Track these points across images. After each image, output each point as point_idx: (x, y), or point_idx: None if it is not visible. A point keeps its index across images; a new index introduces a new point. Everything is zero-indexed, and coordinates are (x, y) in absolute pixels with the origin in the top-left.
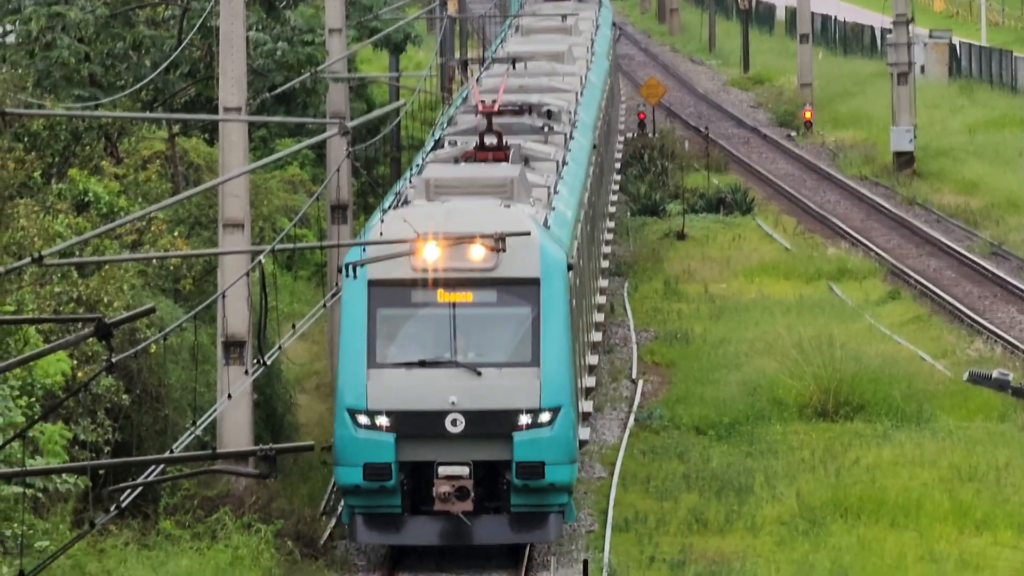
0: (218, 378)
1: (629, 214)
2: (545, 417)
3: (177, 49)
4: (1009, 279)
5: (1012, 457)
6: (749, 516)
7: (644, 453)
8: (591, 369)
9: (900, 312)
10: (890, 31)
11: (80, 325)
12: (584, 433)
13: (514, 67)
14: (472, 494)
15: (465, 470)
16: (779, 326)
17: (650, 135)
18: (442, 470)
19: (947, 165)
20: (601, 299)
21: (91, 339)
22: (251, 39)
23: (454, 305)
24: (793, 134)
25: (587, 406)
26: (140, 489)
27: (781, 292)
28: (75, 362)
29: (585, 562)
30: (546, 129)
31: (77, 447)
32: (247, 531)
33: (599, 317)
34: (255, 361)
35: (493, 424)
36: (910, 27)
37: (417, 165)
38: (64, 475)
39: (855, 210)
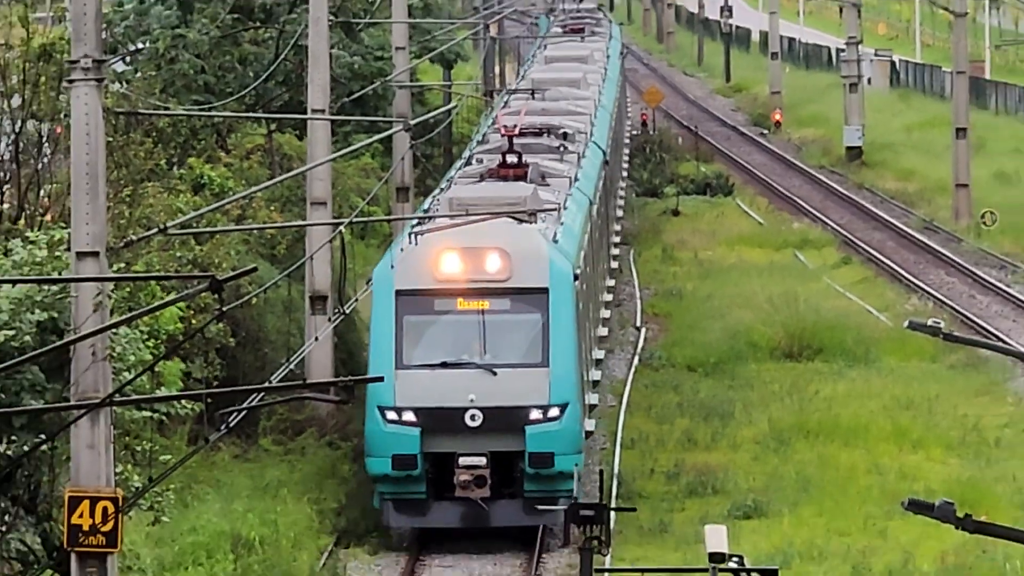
0: (306, 325)
1: (634, 195)
2: (554, 412)
3: (274, 63)
4: (938, 248)
5: (941, 390)
6: (730, 436)
7: (646, 386)
8: (597, 363)
9: (851, 274)
10: (843, 50)
11: (196, 282)
12: (590, 424)
13: (533, 96)
14: (489, 482)
15: (483, 460)
16: (754, 285)
17: (651, 132)
18: (462, 460)
19: (889, 157)
20: (608, 296)
21: (205, 293)
22: (333, 55)
23: (472, 312)
24: (765, 132)
25: (593, 398)
26: (244, 413)
27: (755, 258)
28: (192, 312)
29: (600, 472)
30: (561, 149)
31: (192, 380)
32: (328, 448)
33: (606, 314)
34: (335, 311)
35: (507, 419)
36: (859, 47)
37: (448, 179)
38: (183, 402)
39: (815, 192)
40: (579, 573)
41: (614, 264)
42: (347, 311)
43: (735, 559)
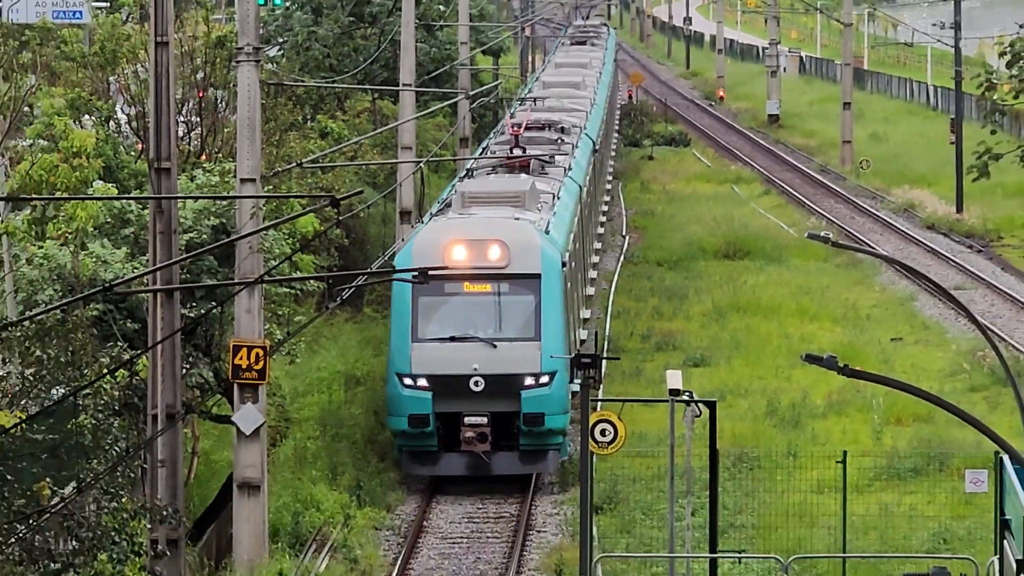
0: (396, 231)
1: (623, 146)
2: (545, 379)
3: (377, 51)
4: (830, 184)
5: (830, 282)
6: (685, 311)
7: (628, 276)
8: (584, 322)
9: (769, 201)
10: (767, 48)
11: (321, 200)
12: (575, 386)
13: (535, 104)
14: (490, 437)
15: (485, 419)
16: (703, 208)
17: (634, 103)
18: (467, 419)
19: (797, 122)
20: (594, 273)
21: (328, 208)
22: (417, 47)
23: (476, 294)
24: (713, 103)
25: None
26: (353, 290)
27: (705, 189)
28: (319, 220)
29: (596, 333)
30: (559, 141)
31: (318, 267)
32: None
33: (593, 274)
34: (419, 221)
35: (505, 385)
36: (778, 46)
37: (467, 169)
38: (311, 282)
39: (746, 145)
40: (580, 403)
41: (598, 244)
42: (425, 222)
43: (687, 393)
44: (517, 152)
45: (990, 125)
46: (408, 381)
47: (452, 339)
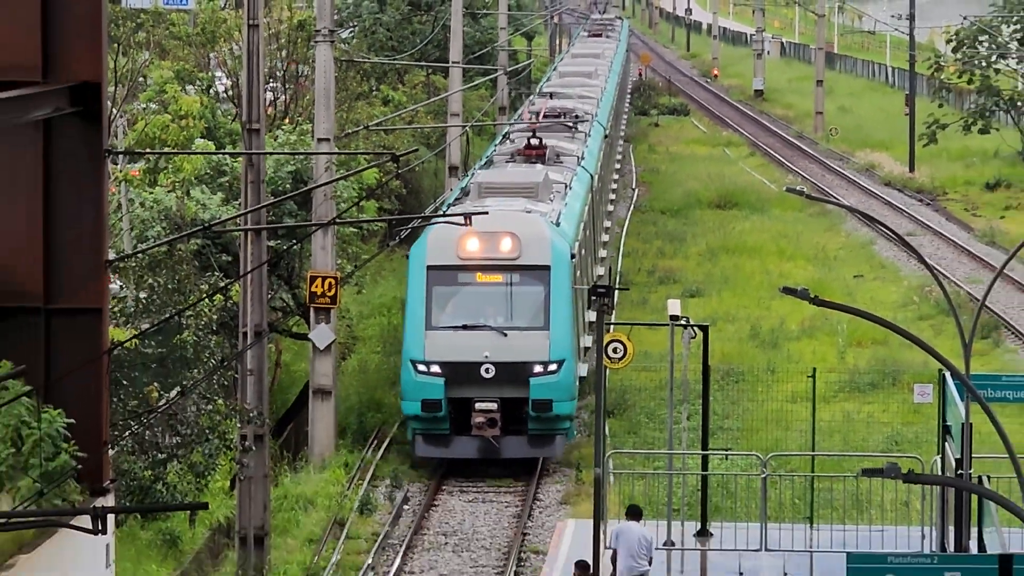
0: (445, 183)
1: (634, 114)
2: (553, 367)
3: (431, 34)
4: (805, 148)
5: (804, 228)
6: (684, 251)
7: (638, 222)
8: (589, 325)
9: (755, 161)
10: (754, 34)
11: (384, 157)
12: (583, 369)
13: (551, 98)
14: (499, 422)
15: (495, 405)
16: (700, 166)
17: (643, 79)
18: (478, 405)
19: (779, 96)
20: (604, 252)
21: (389, 163)
22: (464, 31)
23: (488, 284)
24: (708, 80)
25: (587, 340)
26: (410, 231)
27: (701, 152)
28: (381, 174)
29: (610, 268)
30: (573, 128)
31: (381, 210)
32: None
33: (603, 252)
34: (464, 175)
35: (515, 372)
36: (763, 33)
37: (487, 157)
38: (375, 224)
39: (736, 115)
40: (595, 328)
41: (607, 223)
42: (470, 176)
43: (684, 319)
44: (534, 141)
45: (938, 100)
46: (422, 368)
47: (464, 327)
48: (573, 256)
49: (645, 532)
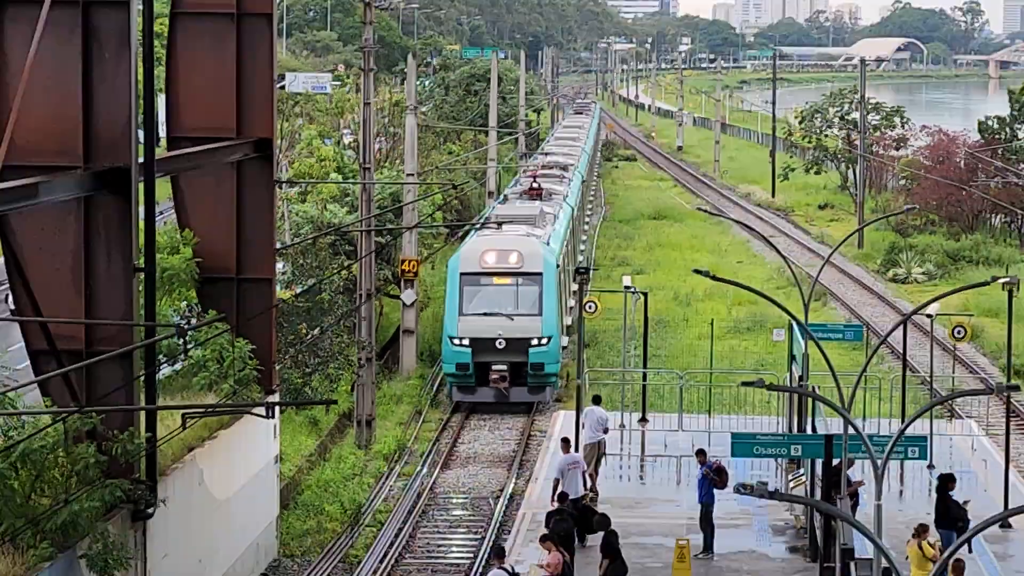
0: (486, 202)
1: (602, 160)
2: (544, 341)
3: (477, 109)
4: (707, 182)
5: (707, 232)
6: (634, 246)
7: (605, 227)
8: (569, 309)
9: (677, 190)
10: (677, 112)
11: (447, 186)
12: (565, 341)
13: (547, 156)
14: (508, 378)
15: (505, 367)
16: (643, 194)
17: (608, 138)
18: (494, 367)
19: (691, 150)
20: (582, 258)
21: (451, 190)
22: (498, 108)
23: (501, 285)
24: (648, 140)
25: (568, 319)
26: (463, 232)
27: (644, 184)
28: (444, 196)
29: (587, 257)
30: (561, 176)
31: (445, 219)
32: None
33: (581, 257)
34: (496, 200)
35: (519, 345)
36: (682, 111)
37: (504, 195)
38: (441, 227)
39: (665, 162)
40: (577, 293)
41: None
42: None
43: (633, 288)
44: (535, 185)
45: (789, 153)
46: (456, 341)
47: (485, 314)
48: (557, 265)
49: (603, 413)
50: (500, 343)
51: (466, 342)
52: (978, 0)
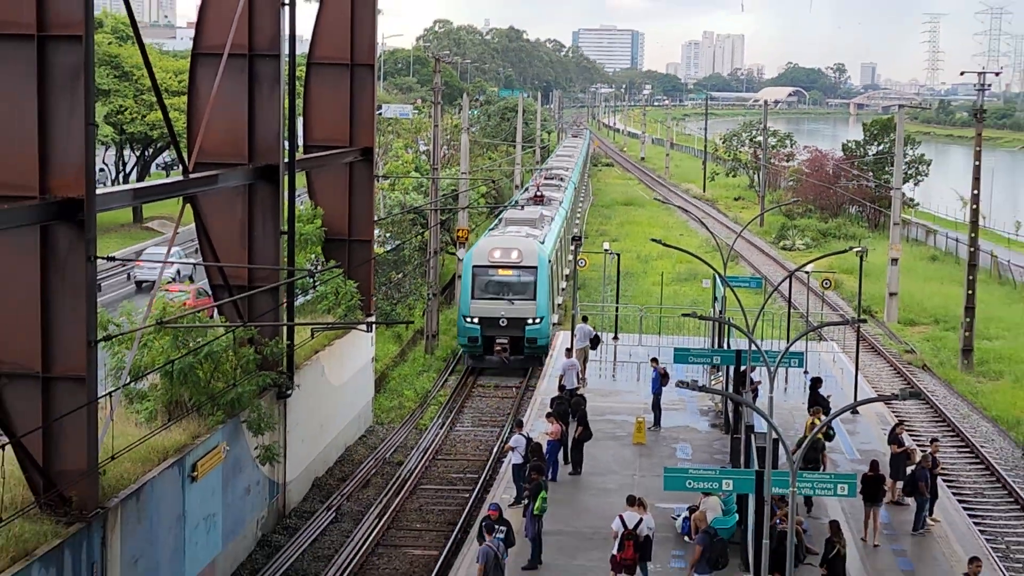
0: (514, 192)
1: (592, 166)
2: (538, 321)
3: (509, 130)
4: (662, 181)
5: (660, 215)
6: (610, 223)
7: (593, 211)
8: (561, 290)
9: (640, 187)
10: (641, 134)
11: (489, 181)
12: (555, 317)
13: (548, 169)
14: (508, 349)
15: (506, 340)
16: (619, 188)
17: (595, 152)
18: (498, 340)
19: (651, 160)
20: (576, 230)
21: (491, 183)
22: (524, 129)
23: (505, 275)
24: (621, 152)
25: (559, 299)
26: (500, 209)
27: (618, 182)
28: (486, 187)
29: (580, 230)
30: (559, 184)
31: (486, 203)
32: None
33: (572, 246)
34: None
35: (517, 323)
36: (644, 133)
37: (515, 200)
38: (484, 208)
39: (634, 169)
40: (574, 253)
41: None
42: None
43: (609, 250)
44: (538, 193)
45: (715, 163)
46: (469, 319)
47: (491, 298)
48: (549, 260)
49: (589, 327)
50: (503, 321)
51: (476, 320)
52: (843, 63)
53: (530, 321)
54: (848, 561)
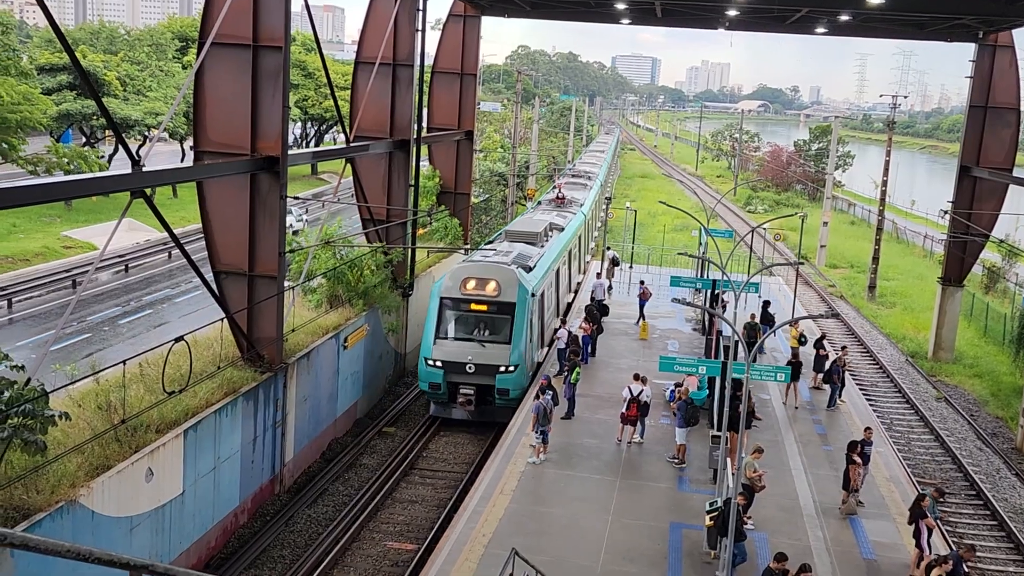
0: (564, 170)
1: (620, 151)
2: (512, 369)
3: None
4: (670, 164)
5: (666, 186)
6: (633, 188)
7: (619, 180)
8: (568, 304)
9: (653, 166)
10: (655, 129)
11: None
12: (540, 355)
13: (576, 167)
14: (474, 401)
15: (473, 390)
16: (636, 165)
17: (622, 141)
18: (462, 389)
19: (662, 148)
20: (603, 215)
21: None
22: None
23: (476, 312)
24: (640, 142)
25: (568, 298)
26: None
27: (637, 161)
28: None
29: (610, 193)
30: (585, 183)
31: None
32: None
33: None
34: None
35: (487, 370)
36: (657, 129)
37: (538, 200)
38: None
39: (648, 152)
40: (606, 205)
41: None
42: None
43: (630, 207)
44: (560, 195)
45: (705, 150)
46: (431, 363)
47: (457, 339)
48: (534, 295)
49: (605, 281)
50: (470, 367)
51: (439, 364)
52: (798, 85)
53: (502, 369)
54: (779, 424)
